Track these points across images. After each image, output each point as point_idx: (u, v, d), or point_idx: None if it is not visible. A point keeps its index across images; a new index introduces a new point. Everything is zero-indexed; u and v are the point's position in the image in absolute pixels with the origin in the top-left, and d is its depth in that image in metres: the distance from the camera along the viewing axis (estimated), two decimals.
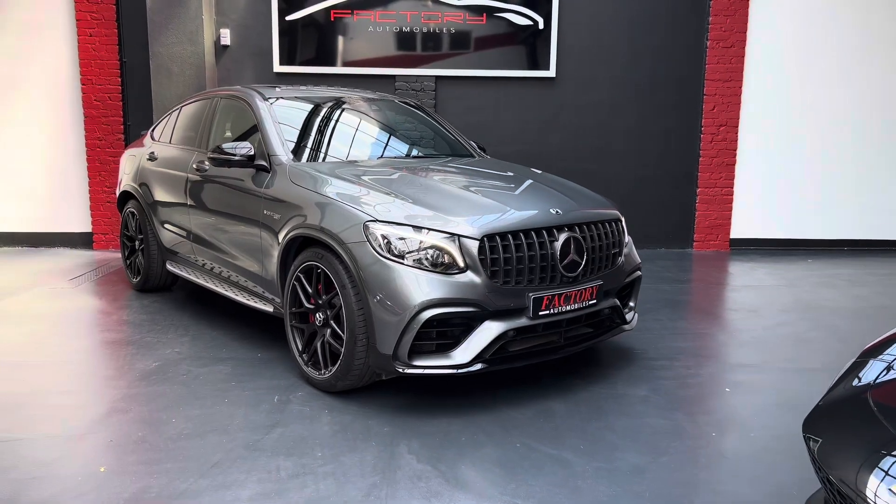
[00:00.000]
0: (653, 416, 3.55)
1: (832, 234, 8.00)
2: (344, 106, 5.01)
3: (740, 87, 7.70)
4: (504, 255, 3.45)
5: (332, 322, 3.64)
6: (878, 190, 7.94)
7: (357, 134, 4.94)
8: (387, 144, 4.95)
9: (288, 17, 7.48)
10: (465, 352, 3.41)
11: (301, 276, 3.82)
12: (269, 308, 4.25)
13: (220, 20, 7.52)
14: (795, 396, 3.79)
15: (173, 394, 3.72)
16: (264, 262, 4.18)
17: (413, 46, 7.55)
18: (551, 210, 3.74)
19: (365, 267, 3.41)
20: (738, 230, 7.98)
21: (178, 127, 5.58)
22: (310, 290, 3.78)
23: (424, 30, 7.51)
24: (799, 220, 7.97)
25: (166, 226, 5.38)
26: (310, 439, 3.21)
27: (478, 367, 3.43)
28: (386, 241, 3.42)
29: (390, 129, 5.11)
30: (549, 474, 2.93)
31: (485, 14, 7.49)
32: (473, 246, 3.39)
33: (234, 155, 4.29)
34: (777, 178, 7.88)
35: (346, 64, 7.57)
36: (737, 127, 7.77)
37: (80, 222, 7.82)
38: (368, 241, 3.43)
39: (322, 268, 3.64)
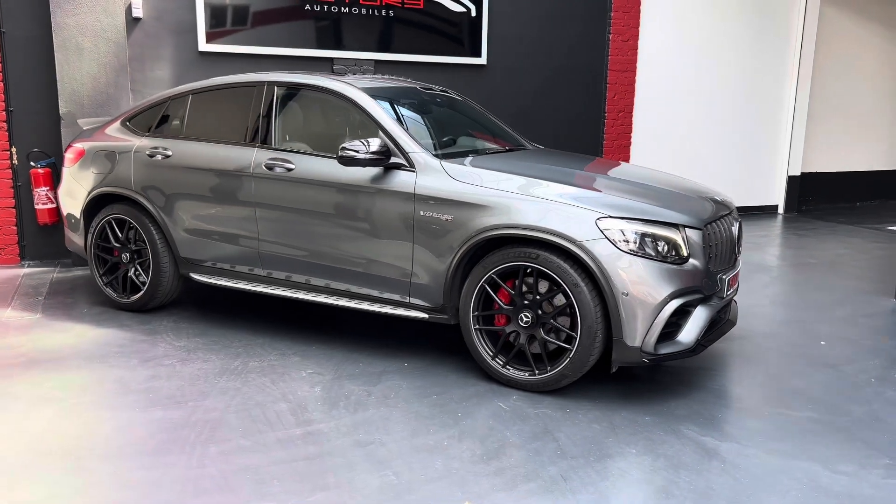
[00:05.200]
0: (818, 373, 4.11)
1: None
2: (419, 97, 4.80)
3: (634, 77, 8.63)
4: (714, 242, 3.75)
5: (553, 320, 3.62)
6: (734, 165, 9.47)
7: (447, 127, 4.78)
8: (474, 137, 4.86)
9: None
10: (688, 336, 3.64)
11: (495, 277, 3.72)
12: (420, 315, 4.02)
13: None
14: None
15: (394, 417, 3.41)
16: (417, 266, 3.94)
17: (351, 28, 7.21)
18: (716, 198, 4.10)
19: (607, 263, 3.46)
20: None
21: (194, 119, 4.80)
22: (512, 292, 3.69)
23: (363, 11, 7.21)
24: None
25: (197, 233, 4.66)
26: (599, 440, 3.23)
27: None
28: (623, 235, 3.50)
29: (467, 122, 5.04)
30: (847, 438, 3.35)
31: None
32: (697, 235, 3.63)
33: (358, 152, 3.93)
34: (661, 157, 8.99)
35: (281, 44, 6.98)
36: (632, 113, 8.71)
37: None
38: (605, 237, 3.49)
39: (537, 267, 3.59)
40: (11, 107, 6.27)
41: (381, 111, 4.20)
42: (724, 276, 3.83)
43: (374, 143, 3.93)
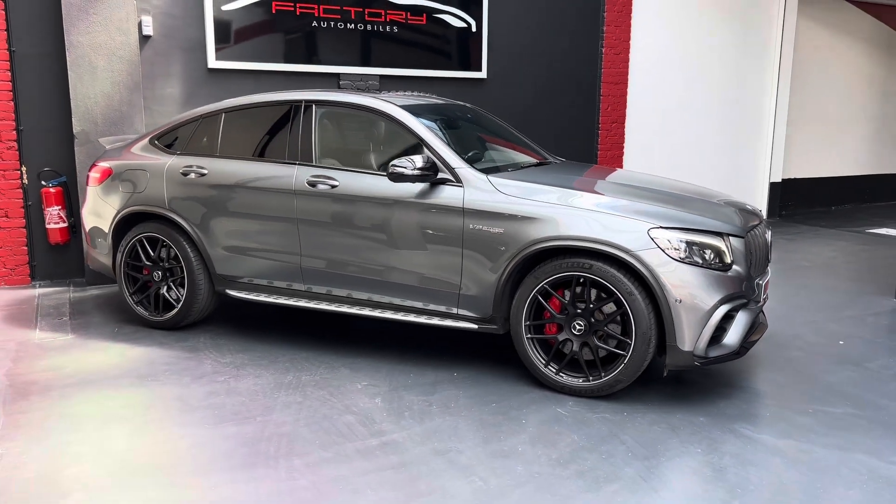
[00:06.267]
0: (845, 371, 4.33)
1: None
2: (452, 113, 4.94)
3: (626, 89, 8.89)
4: (753, 249, 3.95)
5: (607, 327, 3.77)
6: (719, 172, 9.78)
7: (478, 141, 4.91)
8: (504, 151, 5.01)
9: (224, 7, 6.70)
10: (733, 339, 3.82)
11: (547, 287, 3.86)
12: (469, 325, 4.13)
13: (140, 5, 6.45)
14: None
15: (461, 426, 3.51)
16: (467, 278, 4.05)
17: (357, 44, 7.31)
18: (748, 207, 4.31)
19: (660, 271, 3.62)
20: None
21: (229, 137, 4.84)
22: (564, 301, 3.84)
23: (368, 27, 7.31)
24: None
25: (235, 249, 4.71)
26: (664, 441, 3.39)
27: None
28: (670, 244, 3.67)
29: (494, 137, 5.20)
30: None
31: (425, 14, 7.55)
32: (740, 243, 3.82)
33: (406, 168, 4.04)
34: (650, 165, 9.25)
35: (288, 60, 7.04)
36: (624, 124, 8.96)
37: None
38: (658, 246, 3.65)
39: (591, 277, 3.74)
40: (22, 125, 6.21)
41: (423, 128, 4.32)
42: (760, 282, 4.03)
43: (419, 160, 4.05)
